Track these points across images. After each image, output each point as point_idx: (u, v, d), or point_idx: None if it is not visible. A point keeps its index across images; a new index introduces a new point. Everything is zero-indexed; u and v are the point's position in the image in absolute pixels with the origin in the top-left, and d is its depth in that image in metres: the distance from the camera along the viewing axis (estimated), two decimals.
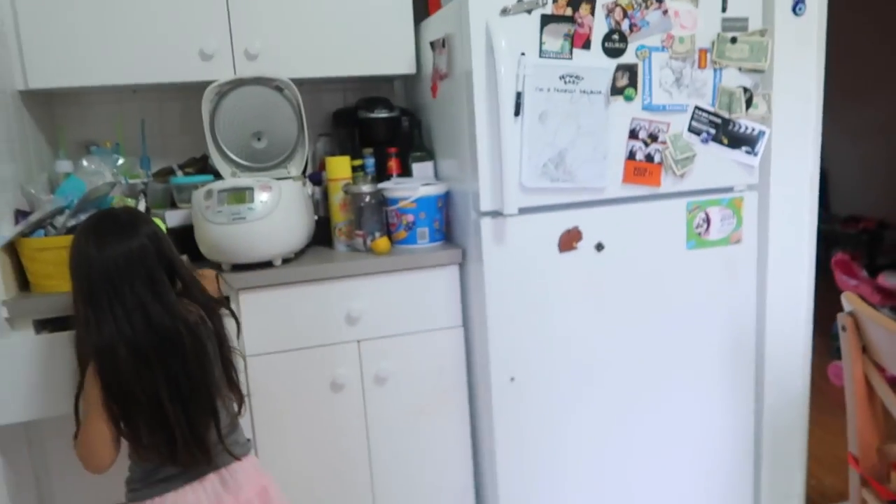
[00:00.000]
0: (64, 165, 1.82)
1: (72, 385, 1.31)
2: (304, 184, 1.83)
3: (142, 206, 1.74)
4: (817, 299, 1.95)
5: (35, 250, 1.56)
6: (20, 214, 1.64)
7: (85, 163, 1.74)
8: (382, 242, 1.79)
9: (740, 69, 1.75)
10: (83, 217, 1.59)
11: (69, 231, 1.57)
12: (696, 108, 1.74)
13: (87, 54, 1.76)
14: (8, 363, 1.41)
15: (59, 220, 1.59)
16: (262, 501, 1.36)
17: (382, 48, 1.95)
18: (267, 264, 1.70)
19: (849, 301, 1.27)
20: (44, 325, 1.58)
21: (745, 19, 1.73)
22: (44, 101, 1.95)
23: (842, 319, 1.27)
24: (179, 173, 1.97)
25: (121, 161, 1.78)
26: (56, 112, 2.03)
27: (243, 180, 1.71)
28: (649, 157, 1.73)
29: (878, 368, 1.23)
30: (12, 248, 1.59)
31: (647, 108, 1.70)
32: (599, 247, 1.74)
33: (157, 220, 1.50)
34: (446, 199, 1.87)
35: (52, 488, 1.65)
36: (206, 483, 1.31)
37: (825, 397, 1.96)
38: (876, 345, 1.20)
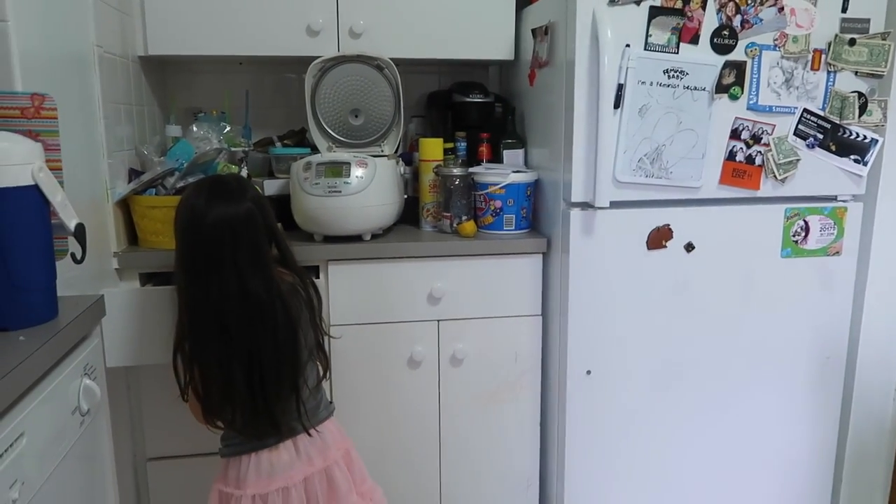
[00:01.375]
0: (174, 130, 1.92)
1: (170, 338, 1.38)
2: (398, 162, 1.87)
3: (243, 174, 1.81)
4: None
5: (146, 207, 1.66)
6: (133, 173, 1.74)
7: (194, 128, 1.82)
8: (469, 226, 1.81)
9: (857, 73, 1.67)
10: (192, 179, 1.68)
11: (178, 191, 1.66)
12: (805, 111, 1.67)
13: (202, 25, 1.84)
14: (115, 311, 1.51)
15: (170, 181, 1.68)
16: (346, 462, 1.42)
17: (483, 33, 1.96)
18: (356, 238, 1.75)
19: None
20: (149, 279, 1.69)
21: (867, 21, 1.66)
22: (158, 69, 2.06)
23: None
24: (278, 144, 2.05)
25: (227, 128, 1.86)
26: (168, 80, 2.15)
27: (341, 155, 1.76)
28: (750, 159, 1.68)
29: None
30: (125, 205, 1.70)
31: (753, 107, 1.65)
32: (690, 247, 1.70)
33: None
34: (535, 188, 1.87)
35: (143, 432, 1.76)
36: (299, 442, 1.37)
37: None
38: None
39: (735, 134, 1.66)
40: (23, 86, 1.19)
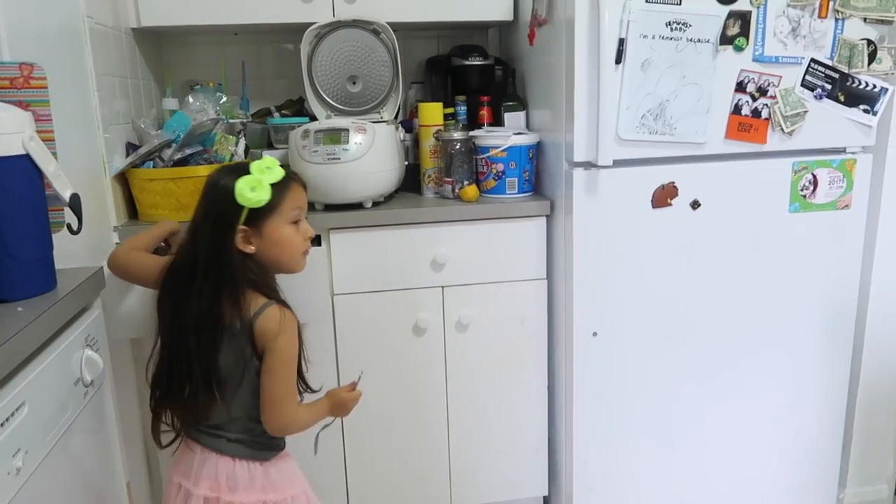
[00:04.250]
0: (170, 103, 1.91)
1: None
2: (397, 128, 1.84)
3: (241, 146, 1.79)
4: None
5: (144, 180, 1.64)
6: (131, 147, 1.73)
7: (191, 100, 1.80)
8: (471, 190, 1.78)
9: (865, 20, 1.62)
10: (189, 151, 1.66)
11: (176, 163, 1.65)
12: (812, 60, 1.63)
13: None
14: (116, 285, 1.50)
15: (167, 153, 1.66)
16: None
17: None
18: (357, 206, 1.73)
19: None
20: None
21: None
22: (153, 41, 2.03)
23: None
24: (276, 115, 2.02)
25: (224, 99, 1.84)
26: (163, 52, 2.12)
27: (339, 121, 1.74)
28: (756, 112, 1.64)
29: None
30: (123, 179, 1.68)
31: (758, 59, 1.61)
32: (695, 204, 1.68)
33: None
34: (537, 150, 1.84)
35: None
36: (195, 448, 1.30)
37: None
38: None
39: (740, 87, 1.63)
40: (11, 57, 1.17)
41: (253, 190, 1.16)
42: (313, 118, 1.91)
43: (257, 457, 1.28)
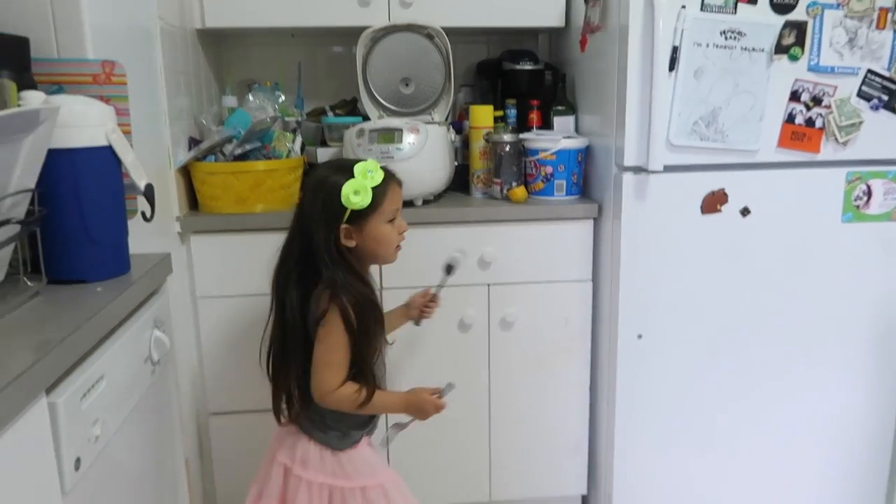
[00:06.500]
0: (230, 101, 1.97)
1: None
2: (448, 129, 1.88)
3: (297, 143, 1.86)
4: None
5: (206, 174, 1.71)
6: (193, 142, 1.80)
7: (250, 97, 1.87)
8: (519, 191, 1.81)
9: None
10: (249, 146, 1.73)
11: (237, 158, 1.72)
12: (869, 71, 1.62)
13: None
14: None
15: (228, 148, 1.73)
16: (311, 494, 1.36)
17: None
18: (408, 204, 1.77)
19: None
20: None
21: None
22: (214, 42, 2.11)
23: None
24: (330, 114, 2.08)
25: (282, 98, 1.91)
26: (223, 53, 2.20)
27: (393, 121, 1.79)
28: (810, 122, 1.64)
29: None
30: (186, 172, 1.76)
31: (814, 69, 1.61)
32: (745, 212, 1.68)
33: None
34: (586, 154, 1.86)
35: (205, 387, 1.83)
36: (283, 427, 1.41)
37: None
38: None
39: (794, 96, 1.62)
40: (94, 55, 1.24)
41: (357, 194, 1.25)
42: (366, 118, 1.96)
43: (327, 443, 1.34)
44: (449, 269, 1.55)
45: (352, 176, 1.26)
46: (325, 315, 1.27)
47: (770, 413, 1.81)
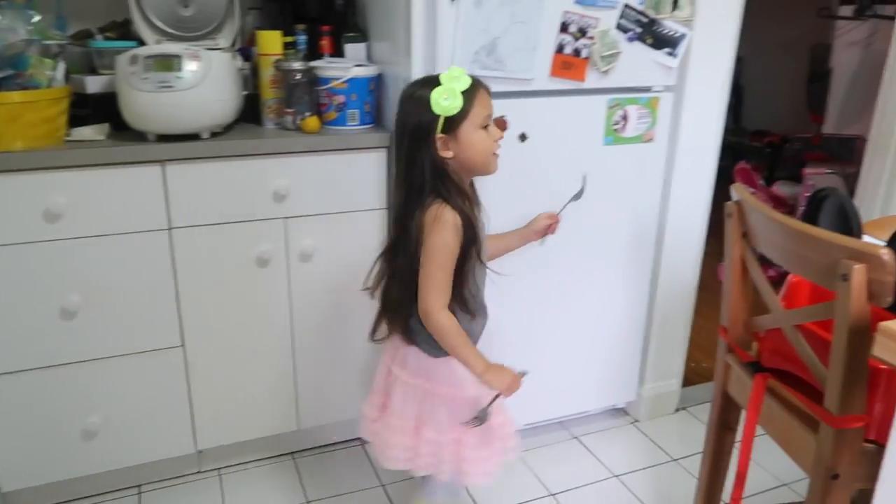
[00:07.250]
0: None
1: None
2: (234, 56, 1.80)
3: (60, 70, 1.67)
4: (718, 205, 2.11)
5: None
6: None
7: None
8: (312, 121, 1.80)
9: None
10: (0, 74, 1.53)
11: None
12: (626, 5, 1.79)
13: None
14: None
15: None
16: (416, 395, 1.45)
17: None
18: (194, 136, 1.69)
19: (737, 191, 1.42)
20: None
21: None
22: None
23: (729, 207, 1.41)
24: (99, 37, 1.88)
25: (36, 18, 1.68)
26: None
27: (171, 47, 1.67)
28: (577, 52, 1.79)
29: (753, 252, 1.39)
30: None
31: (580, 1, 1.74)
32: (523, 137, 1.81)
33: None
34: (378, 82, 1.88)
35: None
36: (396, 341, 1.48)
37: (711, 293, 2.16)
38: (754, 229, 1.35)
39: (564, 27, 1.75)
40: None
41: (447, 99, 1.29)
42: (142, 43, 1.80)
43: (423, 349, 1.42)
44: (579, 194, 1.63)
45: (439, 84, 1.29)
46: (430, 232, 1.31)
47: (552, 312, 2.02)
